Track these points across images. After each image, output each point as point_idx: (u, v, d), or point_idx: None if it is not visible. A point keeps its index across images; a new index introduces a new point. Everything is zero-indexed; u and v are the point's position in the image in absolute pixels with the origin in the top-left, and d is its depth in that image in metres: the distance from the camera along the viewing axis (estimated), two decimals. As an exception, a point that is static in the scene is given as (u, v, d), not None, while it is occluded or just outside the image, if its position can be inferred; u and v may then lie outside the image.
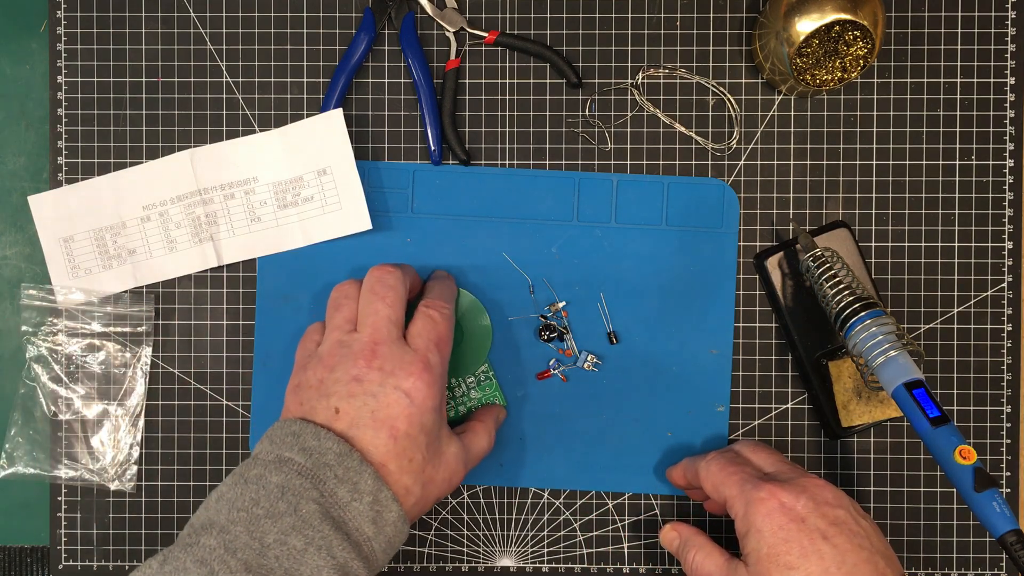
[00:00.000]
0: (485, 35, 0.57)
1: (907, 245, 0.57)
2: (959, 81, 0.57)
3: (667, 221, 0.57)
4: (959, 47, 0.57)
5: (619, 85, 0.58)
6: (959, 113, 0.57)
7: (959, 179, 0.57)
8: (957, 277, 0.57)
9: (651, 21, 0.58)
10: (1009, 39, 0.57)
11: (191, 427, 0.58)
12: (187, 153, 0.57)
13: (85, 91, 0.58)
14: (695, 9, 0.58)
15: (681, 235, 0.57)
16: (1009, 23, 0.57)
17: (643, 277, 0.57)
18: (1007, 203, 0.57)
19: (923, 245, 0.57)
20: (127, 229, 0.57)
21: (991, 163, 0.57)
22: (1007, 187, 0.57)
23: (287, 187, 0.57)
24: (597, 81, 0.58)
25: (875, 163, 0.58)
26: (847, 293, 0.52)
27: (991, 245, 0.57)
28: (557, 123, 0.58)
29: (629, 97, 0.58)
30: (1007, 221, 0.57)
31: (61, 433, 0.57)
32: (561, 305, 0.57)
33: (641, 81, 0.58)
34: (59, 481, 0.57)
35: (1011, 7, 0.57)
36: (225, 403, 0.58)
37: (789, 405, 0.58)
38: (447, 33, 0.57)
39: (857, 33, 0.51)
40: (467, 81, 0.58)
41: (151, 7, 0.58)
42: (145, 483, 0.58)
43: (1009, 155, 0.57)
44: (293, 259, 0.57)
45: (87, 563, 0.58)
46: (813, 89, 0.54)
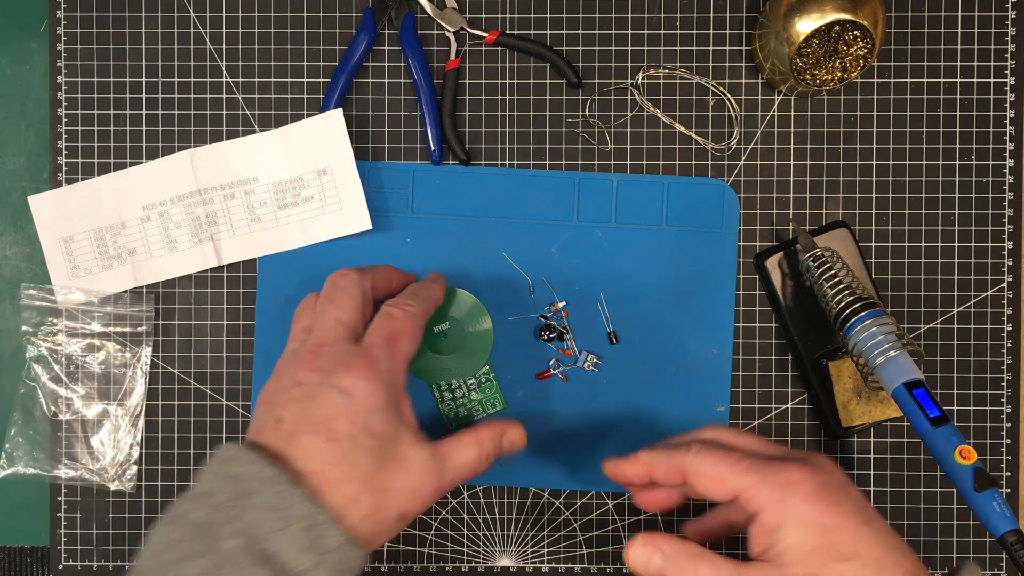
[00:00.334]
0: (485, 35, 0.57)
1: (907, 245, 0.57)
2: (959, 81, 0.57)
3: (667, 221, 0.57)
4: (959, 47, 0.57)
5: (619, 85, 0.58)
6: (959, 113, 0.57)
7: (959, 179, 0.57)
8: (957, 277, 0.57)
9: (651, 21, 0.58)
10: (1009, 39, 0.57)
11: (191, 427, 0.58)
12: (187, 153, 0.57)
13: (85, 91, 0.58)
14: (695, 9, 0.58)
15: (681, 235, 0.57)
16: (1009, 23, 0.57)
17: (643, 277, 0.57)
18: (1007, 203, 0.57)
19: (923, 245, 0.58)
20: (127, 229, 0.57)
21: (991, 163, 0.57)
22: (1007, 187, 0.57)
23: (287, 187, 0.57)
24: (597, 81, 0.58)
25: (875, 163, 0.58)
26: (847, 293, 0.52)
27: (991, 245, 0.57)
28: (557, 123, 0.58)
29: (629, 97, 0.58)
30: (1007, 221, 0.57)
31: (61, 433, 0.57)
32: (561, 305, 0.57)
33: (641, 81, 0.58)
34: (59, 481, 0.57)
35: (1011, 7, 0.57)
36: (225, 403, 0.58)
37: (789, 405, 0.58)
38: (447, 33, 0.57)
39: (857, 33, 0.51)
40: (467, 81, 0.58)
41: (151, 7, 0.58)
42: (145, 483, 0.58)
43: (1009, 155, 0.57)
44: (293, 259, 0.57)
45: (87, 563, 0.58)
46: (813, 89, 0.54)
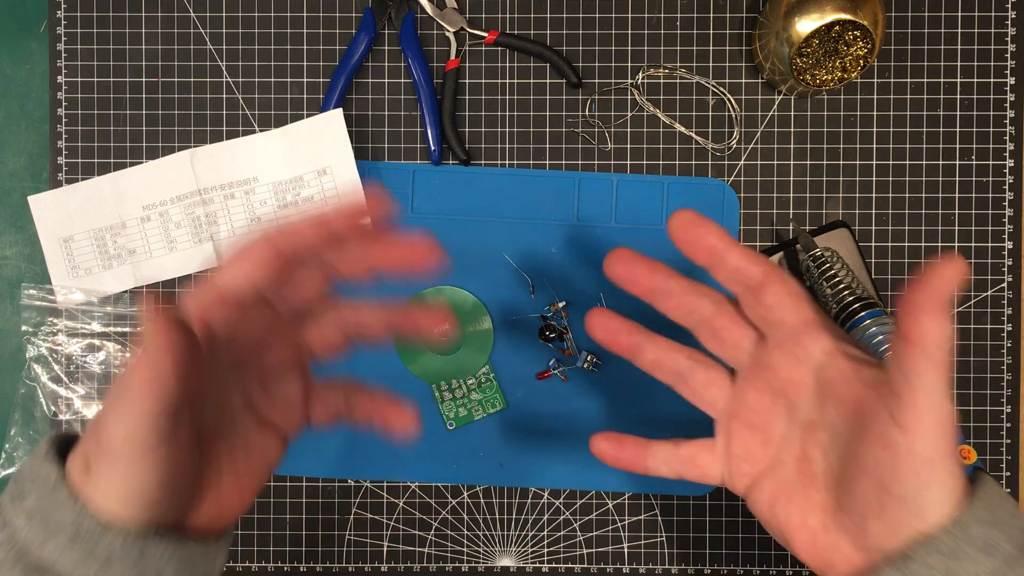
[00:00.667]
0: (485, 35, 0.57)
1: (907, 245, 0.57)
2: (959, 81, 0.57)
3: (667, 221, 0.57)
4: (959, 47, 0.57)
5: (619, 85, 0.58)
6: (959, 113, 0.57)
7: (959, 179, 0.57)
8: (957, 277, 0.57)
9: (651, 21, 0.58)
10: (1009, 39, 0.57)
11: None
12: (187, 153, 0.57)
13: (85, 91, 0.58)
14: (695, 9, 0.58)
15: (681, 235, 0.57)
16: (1009, 23, 0.57)
17: (643, 277, 0.57)
18: (1007, 203, 0.57)
19: (923, 245, 0.57)
20: (127, 229, 0.57)
21: (991, 163, 0.57)
22: (1007, 187, 0.57)
23: (287, 187, 0.57)
24: (597, 81, 0.58)
25: (875, 163, 0.58)
26: (847, 293, 0.52)
27: (991, 245, 0.57)
28: (557, 123, 0.58)
29: (629, 97, 0.58)
30: (1007, 221, 0.57)
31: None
32: (561, 305, 0.57)
33: (641, 81, 0.58)
34: (59, 481, 0.57)
35: (1011, 7, 0.57)
36: (225, 403, 0.58)
37: (789, 405, 0.58)
38: (447, 33, 0.57)
39: (857, 33, 0.51)
40: (467, 81, 0.58)
41: (151, 7, 0.58)
42: (145, 483, 0.58)
43: (1009, 155, 0.57)
44: (293, 259, 0.57)
45: (87, 563, 0.57)
46: (813, 89, 0.54)
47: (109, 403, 0.33)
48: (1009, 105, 0.57)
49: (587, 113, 0.58)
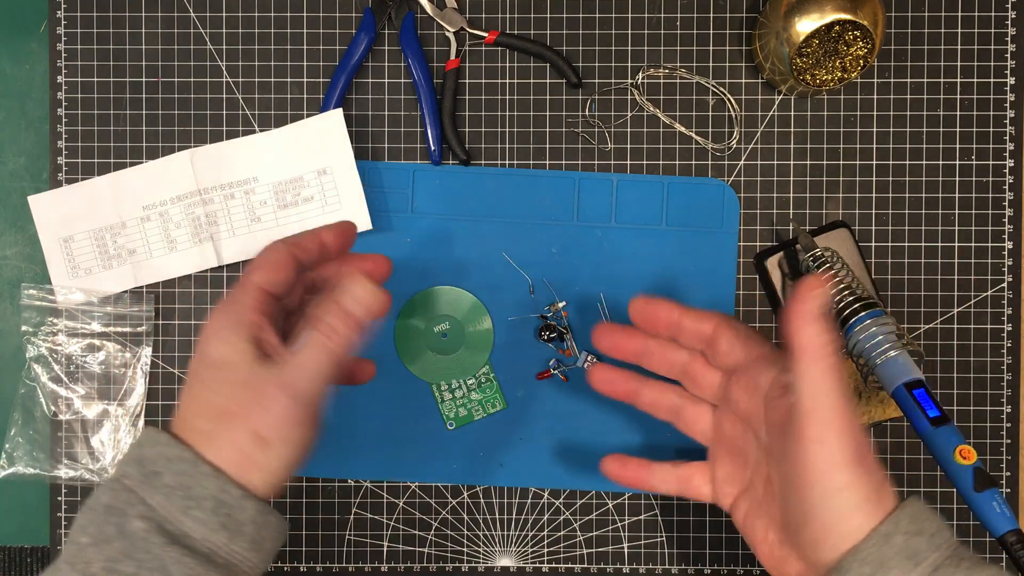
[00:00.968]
0: (485, 35, 0.57)
1: (907, 245, 0.57)
2: (959, 81, 0.57)
3: (667, 221, 0.57)
4: (959, 47, 0.57)
5: (619, 85, 0.58)
6: (959, 113, 0.57)
7: (959, 179, 0.57)
8: (957, 277, 0.57)
9: (651, 21, 0.58)
10: (1009, 39, 0.57)
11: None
12: (187, 153, 0.57)
13: (85, 91, 0.58)
14: (695, 9, 0.58)
15: (681, 235, 0.57)
16: (1009, 23, 0.57)
17: (643, 277, 0.57)
18: (1007, 203, 0.57)
19: (923, 245, 0.57)
20: (127, 229, 0.57)
21: (991, 163, 0.57)
22: (1007, 187, 0.57)
23: (287, 187, 0.57)
24: (597, 81, 0.58)
25: (875, 163, 0.58)
26: (847, 293, 0.52)
27: (991, 245, 0.57)
28: (557, 123, 0.58)
29: (629, 97, 0.58)
30: (1007, 221, 0.57)
31: (61, 433, 0.57)
32: (561, 305, 0.57)
33: (641, 81, 0.58)
34: (59, 481, 0.57)
35: (1011, 7, 0.57)
36: (225, 403, 0.58)
37: (789, 405, 0.58)
38: (447, 33, 0.57)
39: (857, 33, 0.51)
40: (467, 81, 0.58)
41: (151, 7, 0.58)
42: (145, 483, 0.58)
43: (1009, 155, 0.57)
44: (293, 259, 0.57)
45: (87, 563, 0.58)
46: (813, 89, 0.54)
47: (271, 391, 0.40)
48: (1009, 105, 0.57)
49: (587, 113, 0.58)
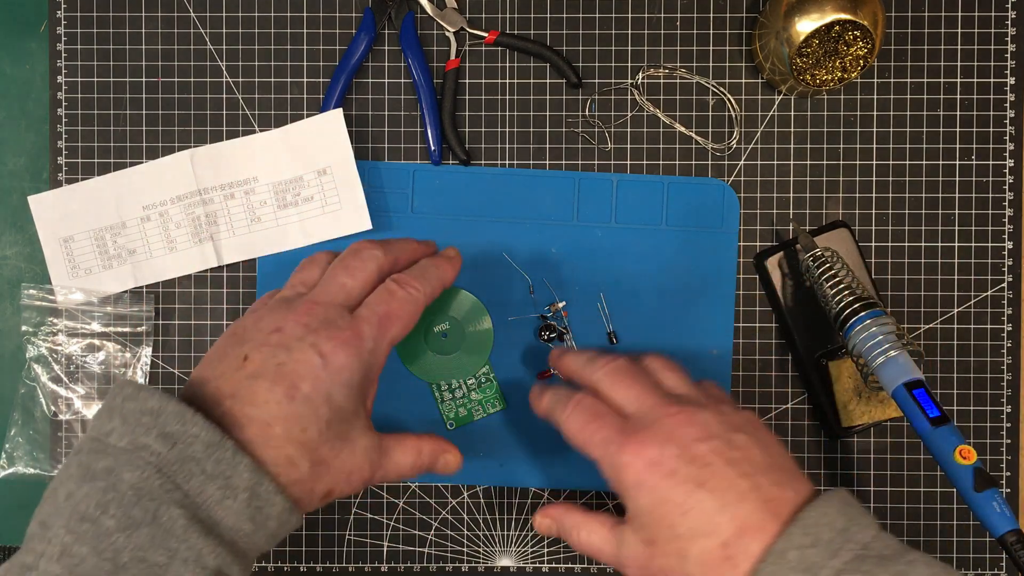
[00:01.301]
0: (485, 35, 0.57)
1: (907, 245, 0.57)
2: (959, 81, 0.57)
3: (667, 221, 0.57)
4: (959, 47, 0.57)
5: (619, 85, 0.58)
6: (959, 113, 0.57)
7: (959, 179, 0.57)
8: (957, 277, 0.57)
9: (651, 21, 0.58)
10: (1009, 39, 0.57)
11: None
12: (187, 153, 0.57)
13: (85, 91, 0.58)
14: (695, 9, 0.58)
15: (681, 235, 0.57)
16: (1009, 23, 0.57)
17: (643, 277, 0.57)
18: (1007, 203, 0.57)
19: (923, 245, 0.58)
20: (127, 229, 0.57)
21: (991, 163, 0.57)
22: (1007, 187, 0.57)
23: (287, 187, 0.57)
24: (597, 81, 0.58)
25: (875, 163, 0.58)
26: (847, 293, 0.52)
27: (991, 245, 0.57)
28: (557, 123, 0.58)
29: (629, 97, 0.58)
30: (1007, 221, 0.57)
31: (61, 433, 0.57)
32: (561, 305, 0.57)
33: (641, 81, 0.58)
34: (59, 481, 0.57)
35: (1011, 7, 0.57)
36: (225, 403, 0.58)
37: (789, 405, 0.58)
38: (447, 33, 0.57)
39: (857, 33, 0.51)
40: (467, 81, 0.58)
41: (151, 7, 0.58)
42: (145, 483, 0.58)
43: (1009, 155, 0.57)
44: (293, 259, 0.57)
45: (87, 563, 0.57)
46: (813, 89, 0.54)
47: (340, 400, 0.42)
48: (1009, 105, 0.57)
49: (587, 113, 0.58)
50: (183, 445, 0.38)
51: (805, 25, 0.51)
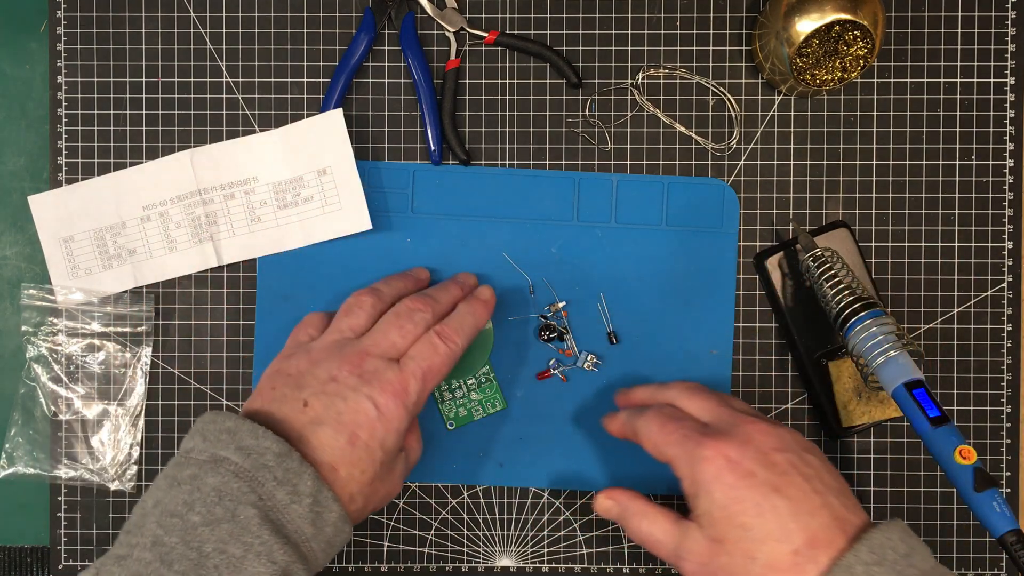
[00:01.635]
0: (485, 35, 0.57)
1: (907, 245, 0.57)
2: (959, 81, 0.57)
3: (667, 221, 0.57)
4: (959, 47, 0.57)
5: (619, 85, 0.58)
6: (959, 113, 0.57)
7: (959, 179, 0.57)
8: (957, 277, 0.57)
9: (651, 21, 0.58)
10: (1009, 39, 0.57)
11: (191, 427, 0.58)
12: (187, 153, 0.57)
13: (85, 91, 0.58)
14: (695, 9, 0.58)
15: (681, 235, 0.57)
16: (1009, 23, 0.57)
17: (643, 277, 0.57)
18: (1007, 203, 0.57)
19: (923, 245, 0.58)
20: (127, 229, 0.57)
21: (991, 163, 0.57)
22: (1007, 187, 0.57)
23: (287, 187, 0.57)
24: (597, 81, 0.58)
25: (875, 163, 0.58)
26: (847, 293, 0.52)
27: (991, 245, 0.57)
28: (557, 123, 0.58)
29: (629, 97, 0.58)
30: (1007, 221, 0.57)
31: (61, 433, 0.57)
32: (561, 305, 0.57)
33: (641, 81, 0.58)
34: (59, 481, 0.57)
35: (1011, 7, 0.57)
36: (225, 403, 0.58)
37: (789, 405, 0.58)
38: (447, 33, 0.57)
39: (857, 33, 0.51)
40: (467, 81, 0.58)
41: (151, 7, 0.58)
42: (145, 483, 0.58)
43: (1009, 155, 0.57)
44: (293, 259, 0.57)
45: (87, 563, 0.58)
46: (813, 89, 0.54)
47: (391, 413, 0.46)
48: (1009, 105, 0.57)
49: (587, 113, 0.58)
50: (256, 455, 0.43)
51: (805, 25, 0.51)
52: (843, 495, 0.44)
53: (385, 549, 0.58)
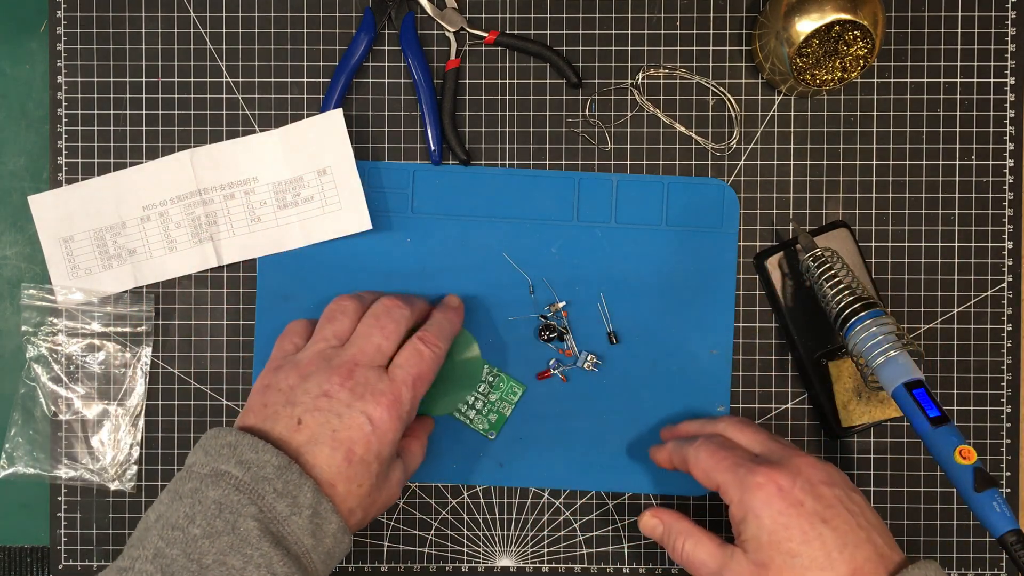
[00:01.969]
0: (485, 35, 0.57)
1: (907, 245, 0.57)
2: (959, 81, 0.57)
3: (667, 221, 0.57)
4: (959, 47, 0.57)
5: (619, 85, 0.58)
6: (959, 113, 0.57)
7: (959, 179, 0.57)
8: (957, 277, 0.57)
9: (651, 21, 0.58)
10: (1009, 39, 0.57)
11: (191, 427, 0.58)
12: (187, 153, 0.57)
13: (85, 91, 0.58)
14: (695, 9, 0.58)
15: (681, 235, 0.57)
16: (1009, 23, 0.57)
17: (643, 277, 0.57)
18: (1007, 203, 0.57)
19: (923, 245, 0.58)
20: (127, 229, 0.57)
21: (991, 163, 0.57)
22: (1007, 187, 0.57)
23: (287, 187, 0.57)
24: (597, 81, 0.58)
25: (875, 163, 0.58)
26: (847, 293, 0.52)
27: (991, 245, 0.57)
28: (557, 123, 0.58)
29: (629, 97, 0.58)
30: (1007, 221, 0.57)
31: (61, 433, 0.57)
32: (561, 305, 0.57)
33: (641, 81, 0.58)
34: (59, 481, 0.57)
35: (1011, 7, 0.57)
36: (225, 403, 0.58)
37: (789, 405, 0.58)
38: (447, 33, 0.57)
39: (857, 33, 0.51)
40: (467, 81, 0.58)
41: (151, 7, 0.58)
42: (145, 483, 0.58)
43: (1009, 155, 0.57)
44: (293, 259, 0.57)
45: (87, 563, 0.58)
46: (813, 89, 0.54)
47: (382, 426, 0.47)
48: (1009, 105, 0.57)
49: (587, 113, 0.58)
50: (256, 468, 0.44)
51: (805, 25, 0.51)
52: (884, 534, 0.46)
53: (385, 549, 0.58)
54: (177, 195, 0.57)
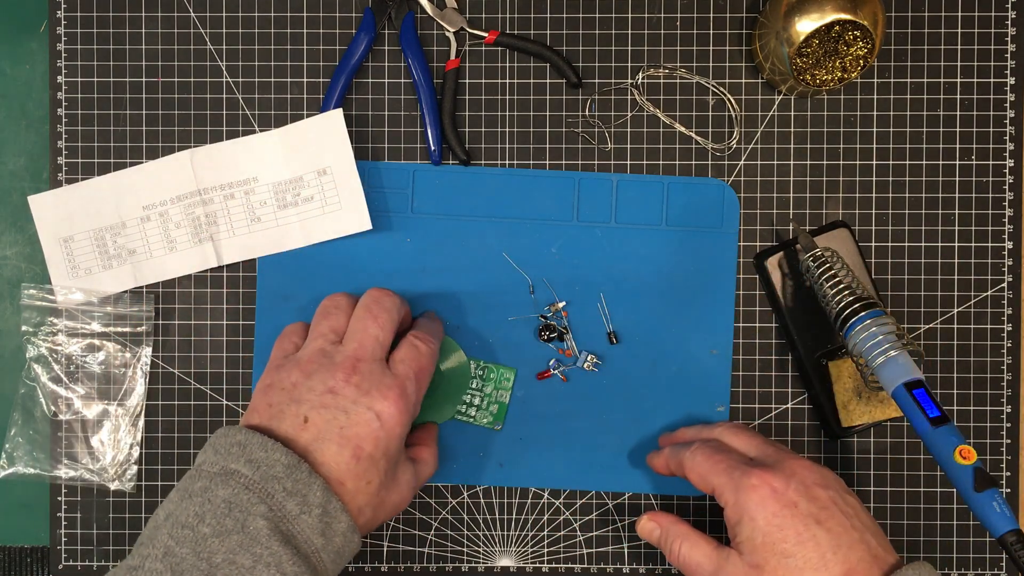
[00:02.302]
0: (485, 35, 0.57)
1: (907, 245, 0.57)
2: (959, 81, 0.57)
3: (667, 221, 0.57)
4: (959, 47, 0.57)
5: (619, 85, 0.58)
6: (959, 113, 0.57)
7: (959, 179, 0.57)
8: (957, 277, 0.57)
9: (651, 21, 0.58)
10: (1009, 39, 0.57)
11: (191, 427, 0.58)
12: (187, 153, 0.57)
13: (85, 91, 0.58)
14: (695, 9, 0.58)
15: (681, 235, 0.57)
16: (1009, 23, 0.57)
17: (643, 277, 0.57)
18: (1007, 203, 0.57)
19: (923, 245, 0.58)
20: (127, 229, 0.57)
21: (991, 163, 0.57)
22: (1007, 187, 0.57)
23: (287, 187, 0.57)
24: (597, 81, 0.58)
25: (875, 163, 0.58)
26: (847, 293, 0.52)
27: (991, 245, 0.57)
28: (557, 123, 0.58)
29: (629, 97, 0.58)
30: (1007, 221, 0.57)
31: (61, 433, 0.57)
32: (561, 305, 0.57)
33: (641, 81, 0.58)
34: (59, 481, 0.57)
35: (1011, 7, 0.57)
36: (225, 403, 0.58)
37: (789, 405, 0.58)
38: (447, 33, 0.57)
39: (857, 33, 0.51)
40: (467, 81, 0.58)
41: (151, 7, 0.58)
42: (145, 483, 0.58)
43: (1009, 155, 0.57)
44: (293, 259, 0.57)
45: (87, 563, 0.58)
46: (813, 89, 0.54)
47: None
48: (1009, 105, 0.57)
49: (587, 113, 0.58)
50: (266, 467, 0.44)
51: (805, 25, 0.51)
52: (878, 535, 0.46)
53: (385, 549, 0.58)
54: (177, 195, 0.57)
